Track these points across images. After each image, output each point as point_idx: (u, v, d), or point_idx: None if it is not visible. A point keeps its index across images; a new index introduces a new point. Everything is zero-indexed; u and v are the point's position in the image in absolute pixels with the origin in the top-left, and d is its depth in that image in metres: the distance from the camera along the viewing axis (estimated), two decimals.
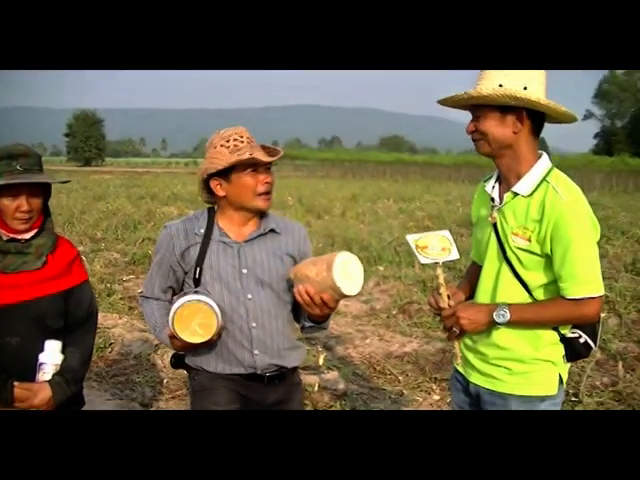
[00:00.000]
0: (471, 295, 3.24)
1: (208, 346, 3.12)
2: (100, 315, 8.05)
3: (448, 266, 9.54)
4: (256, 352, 3.16)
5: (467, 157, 63.73)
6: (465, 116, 3.01)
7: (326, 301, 2.96)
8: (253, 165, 3.07)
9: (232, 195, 3.15)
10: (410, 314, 9.08)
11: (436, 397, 6.22)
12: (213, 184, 3.15)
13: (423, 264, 3.13)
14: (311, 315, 3.10)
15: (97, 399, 5.88)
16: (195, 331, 2.95)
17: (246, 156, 3.04)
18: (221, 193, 3.16)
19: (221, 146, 3.11)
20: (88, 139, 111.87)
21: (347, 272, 2.91)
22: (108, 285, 10.13)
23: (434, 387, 6.45)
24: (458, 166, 62.02)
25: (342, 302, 9.40)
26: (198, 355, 3.23)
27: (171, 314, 2.95)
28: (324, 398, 6.04)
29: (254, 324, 3.15)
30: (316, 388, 6.17)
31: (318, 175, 61.17)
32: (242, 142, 3.09)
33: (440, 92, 2.96)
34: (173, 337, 3.01)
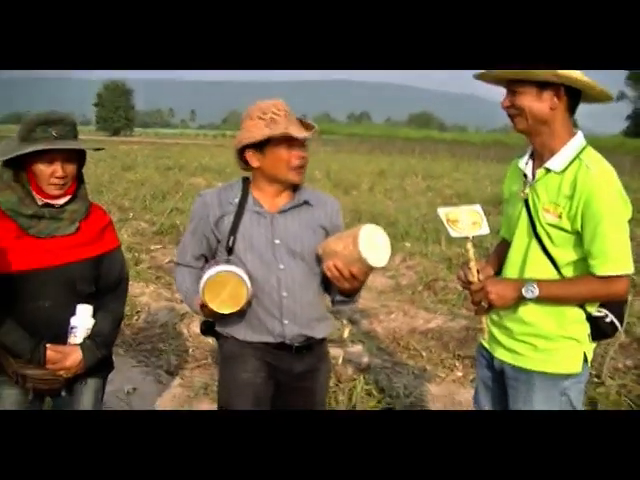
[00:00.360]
0: (499, 271, 3.24)
1: (238, 315, 3.14)
2: None
3: (474, 243, 9.57)
4: (286, 322, 3.18)
5: (496, 136, 63.39)
6: (497, 94, 2.98)
7: (355, 274, 2.97)
8: (288, 139, 3.08)
9: (266, 167, 3.16)
10: (435, 291, 9.09)
11: (459, 373, 6.23)
12: (248, 155, 3.17)
13: (453, 238, 3.12)
14: (342, 289, 3.11)
15: (123, 366, 5.94)
16: (224, 301, 2.97)
17: (280, 130, 3.05)
18: (255, 164, 3.17)
19: (258, 118, 3.11)
20: (117, 109, 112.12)
21: (373, 244, 2.91)
22: (136, 254, 10.21)
23: (457, 364, 6.46)
24: (487, 145, 61.66)
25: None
26: (229, 323, 3.25)
27: (202, 284, 2.97)
28: (348, 371, 6.07)
29: (285, 294, 3.17)
30: (340, 361, 6.21)
31: (346, 150, 60.90)
32: (279, 115, 3.10)
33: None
34: (203, 306, 3.05)
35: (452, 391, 5.88)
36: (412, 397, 5.65)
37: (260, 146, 3.12)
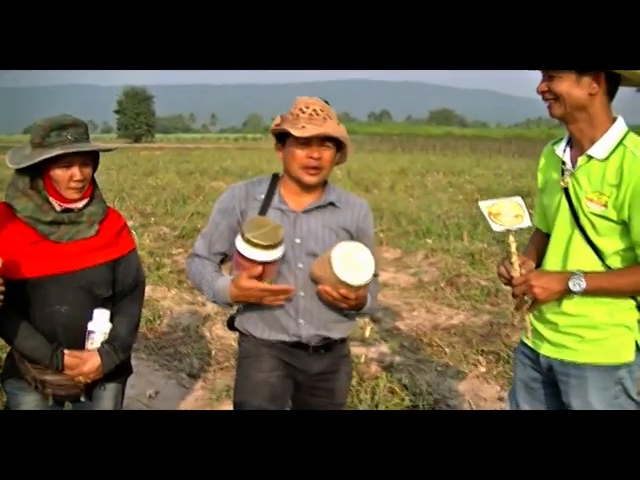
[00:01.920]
0: (539, 264, 3.13)
1: (256, 311, 3.16)
2: (149, 288, 8.25)
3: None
4: (301, 321, 3.16)
5: (517, 130, 63.14)
6: (517, 89, 2.90)
7: (346, 295, 2.98)
8: (303, 137, 3.05)
9: (284, 162, 3.17)
10: (458, 287, 9.04)
11: (482, 369, 6.19)
12: (276, 146, 3.19)
13: (495, 231, 3.02)
14: (344, 309, 3.12)
15: (146, 369, 5.98)
16: (265, 234, 2.93)
17: (285, 126, 3.05)
18: (279, 157, 3.19)
19: (289, 112, 3.12)
20: (138, 116, 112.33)
21: (350, 263, 2.91)
22: (157, 259, 10.24)
23: (481, 359, 6.42)
24: (508, 139, 61.53)
25: (390, 275, 9.45)
26: (247, 320, 3.25)
27: (244, 223, 3.01)
28: (371, 369, 6.06)
29: (302, 293, 3.14)
30: (363, 359, 6.19)
31: (367, 149, 60.95)
32: (304, 113, 3.07)
33: None
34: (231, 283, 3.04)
35: (476, 387, 5.85)
36: (435, 394, 5.62)
37: (283, 139, 3.13)
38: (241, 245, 2.94)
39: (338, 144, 3.15)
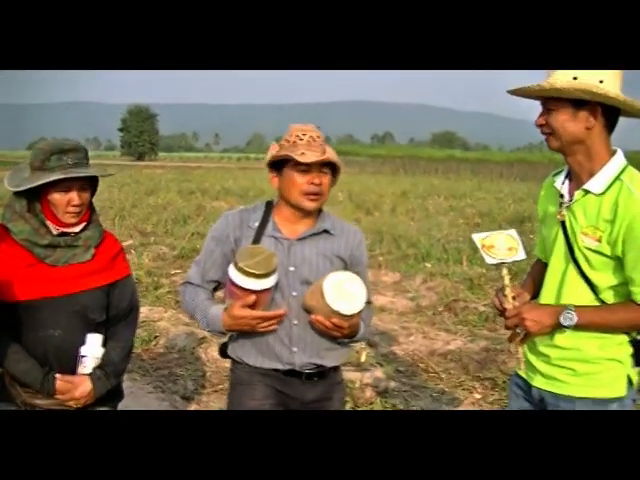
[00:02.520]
0: (536, 294, 3.14)
1: (249, 339, 3.15)
2: (146, 308, 8.26)
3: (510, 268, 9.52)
4: (295, 349, 3.15)
5: (519, 154, 63.22)
6: (519, 113, 2.90)
7: (338, 325, 2.99)
8: (303, 163, 3.06)
9: (282, 189, 3.17)
10: (456, 312, 9.04)
11: (477, 396, 6.18)
12: (270, 175, 3.19)
13: (489, 264, 3.02)
14: (337, 337, 3.13)
15: (139, 391, 5.97)
16: (259, 262, 2.92)
17: (286, 152, 3.06)
18: (275, 185, 3.19)
19: (284, 140, 3.13)
20: (142, 134, 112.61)
21: (342, 292, 2.92)
22: (155, 279, 10.24)
23: (476, 385, 6.42)
24: (510, 163, 61.51)
25: (388, 299, 9.42)
26: (240, 348, 3.24)
27: (238, 251, 3.00)
28: (365, 394, 6.04)
29: (296, 321, 3.13)
30: (357, 384, 6.17)
31: (369, 171, 61.01)
32: (301, 139, 3.08)
33: (495, 88, 2.85)
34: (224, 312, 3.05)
35: None
36: None
37: (279, 168, 3.13)
38: (234, 274, 2.94)
39: (333, 169, 3.18)
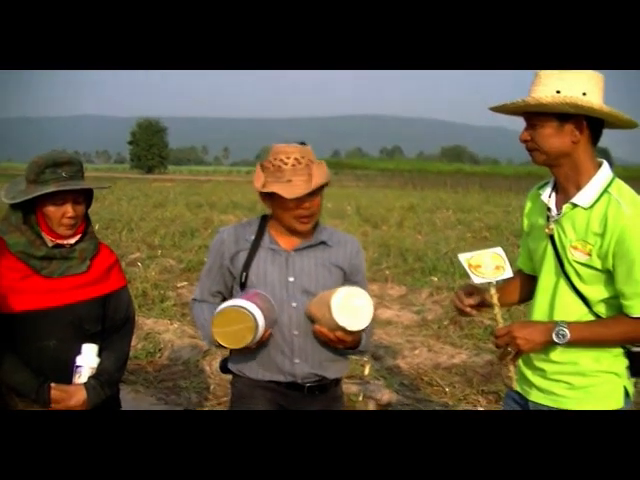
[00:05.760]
0: (516, 302, 3.23)
1: (250, 351, 3.12)
2: (151, 321, 8.26)
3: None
4: (296, 360, 3.15)
5: (528, 168, 63.01)
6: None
7: (341, 338, 2.99)
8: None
9: (274, 213, 3.17)
10: (461, 325, 8.99)
11: (481, 409, 6.14)
12: (263, 198, 3.16)
13: (476, 284, 2.99)
14: (338, 348, 3.13)
15: (142, 403, 5.97)
16: (227, 334, 2.91)
17: (272, 188, 3.02)
18: (268, 208, 3.18)
19: (267, 166, 3.08)
20: (151, 147, 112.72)
21: (350, 308, 2.90)
22: (162, 291, 10.25)
23: (480, 399, 6.38)
24: (519, 177, 61.37)
25: (393, 312, 9.38)
26: (240, 360, 3.24)
27: (220, 307, 2.95)
28: (367, 407, 6.01)
29: (296, 332, 3.13)
30: (360, 397, 6.16)
31: (378, 185, 61.04)
32: (285, 164, 3.02)
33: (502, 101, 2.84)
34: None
35: None
36: None
37: (268, 193, 3.09)
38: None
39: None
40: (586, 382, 2.83)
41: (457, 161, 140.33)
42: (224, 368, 3.38)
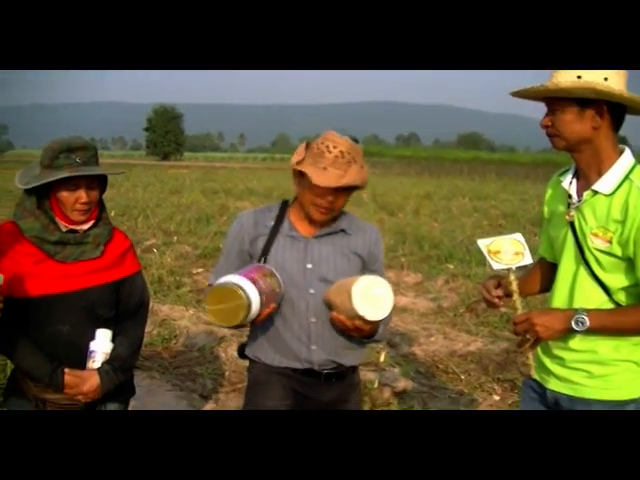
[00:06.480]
0: (539, 290, 3.18)
1: (267, 338, 3.17)
2: (167, 307, 8.28)
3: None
4: (313, 347, 3.14)
5: (546, 155, 62.84)
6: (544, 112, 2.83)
7: (359, 327, 2.96)
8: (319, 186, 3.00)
9: (298, 193, 3.15)
10: (477, 313, 8.97)
11: (496, 397, 6.11)
12: (294, 174, 3.13)
13: (495, 270, 2.96)
14: (354, 336, 3.11)
15: (158, 389, 5.98)
16: (220, 311, 2.83)
17: (305, 167, 3.00)
18: (296, 187, 3.16)
19: (315, 144, 3.06)
20: (167, 134, 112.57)
21: (370, 297, 2.86)
22: (177, 278, 10.27)
23: (496, 387, 6.35)
24: (536, 164, 61.14)
25: (409, 299, 9.38)
26: (257, 347, 3.24)
27: (219, 281, 2.90)
28: (383, 395, 5.99)
29: (314, 319, 3.13)
30: (376, 385, 6.14)
31: (394, 172, 60.94)
32: (329, 153, 2.99)
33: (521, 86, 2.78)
34: None
35: None
36: None
37: (300, 172, 3.07)
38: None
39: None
40: (605, 371, 2.79)
41: (473, 148, 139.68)
42: (242, 354, 3.38)
